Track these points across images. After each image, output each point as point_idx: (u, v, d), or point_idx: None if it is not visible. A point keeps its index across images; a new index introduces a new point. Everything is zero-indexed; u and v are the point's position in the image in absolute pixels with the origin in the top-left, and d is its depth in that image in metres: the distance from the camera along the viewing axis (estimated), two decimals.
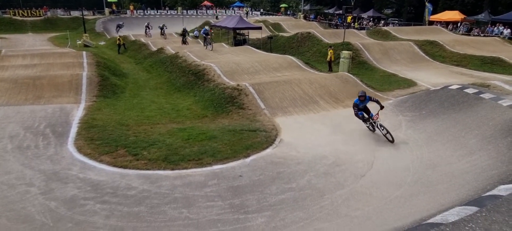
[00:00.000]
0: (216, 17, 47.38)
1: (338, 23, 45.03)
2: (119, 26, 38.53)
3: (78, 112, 12.59)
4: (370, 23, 44.22)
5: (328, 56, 20.62)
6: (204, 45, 26.96)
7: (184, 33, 31.68)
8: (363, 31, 35.29)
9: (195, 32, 36.13)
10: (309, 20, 49.32)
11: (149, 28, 36.16)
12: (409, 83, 17.43)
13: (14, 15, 45.63)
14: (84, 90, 15.07)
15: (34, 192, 7.31)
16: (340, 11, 47.62)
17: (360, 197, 7.21)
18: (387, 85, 17.16)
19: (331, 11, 58.50)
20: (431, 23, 38.37)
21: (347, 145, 10.06)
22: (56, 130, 10.85)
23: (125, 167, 8.54)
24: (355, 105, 10.69)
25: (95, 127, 11.11)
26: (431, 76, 18.72)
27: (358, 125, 11.28)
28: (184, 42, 30.69)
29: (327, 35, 27.88)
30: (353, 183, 7.90)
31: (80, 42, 32.53)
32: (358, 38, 29.52)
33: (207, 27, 29.11)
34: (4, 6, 46.72)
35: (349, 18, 43.40)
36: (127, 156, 9.10)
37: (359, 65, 21.46)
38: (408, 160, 8.80)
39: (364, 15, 48.44)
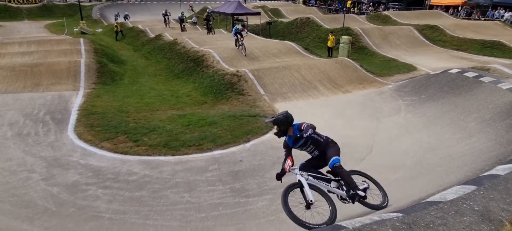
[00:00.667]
0: (192, 9, 44.56)
1: (337, 8, 44.64)
2: (126, 17, 37.82)
3: (77, 100, 12.57)
4: (370, 8, 43.85)
5: (330, 42, 20.48)
6: (208, 32, 27.54)
7: (182, 19, 30.94)
8: (363, 16, 35.04)
9: (193, 18, 35.81)
10: (309, 5, 48.85)
11: (168, 15, 32.54)
12: (409, 68, 17.39)
13: (9, 2, 45.07)
14: (83, 78, 15.01)
15: (36, 178, 7.36)
16: None
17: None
18: (386, 70, 17.12)
19: None
20: (431, 7, 38.07)
21: (347, 129, 10.08)
22: (56, 117, 10.85)
23: (126, 153, 8.59)
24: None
25: (94, 113, 11.12)
26: (431, 61, 18.67)
27: (358, 110, 11.30)
28: (183, 29, 30.07)
29: (326, 21, 27.68)
30: (353, 166, 7.91)
31: (77, 29, 32.23)
32: (358, 23, 29.33)
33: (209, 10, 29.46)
34: None
35: (348, 3, 43.08)
36: (128, 142, 9.14)
37: (358, 50, 21.38)
38: (407, 144, 8.84)
39: (364, 0, 48.01)
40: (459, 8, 35.49)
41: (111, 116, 10.99)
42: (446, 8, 36.25)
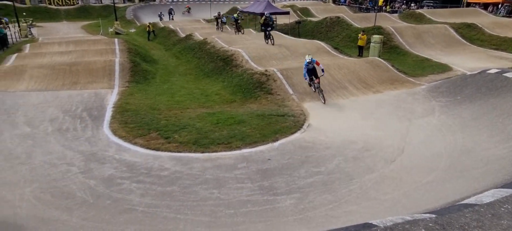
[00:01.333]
0: (188, 11, 43.51)
1: (369, 7, 43.66)
2: (170, 13, 38.77)
3: (112, 97, 13.08)
4: (403, 6, 42.55)
5: (361, 41, 20.09)
6: (236, 31, 27.12)
7: (237, 19, 27.46)
8: (396, 15, 34.05)
9: (223, 18, 36.23)
10: (339, 4, 48.06)
11: (221, 19, 31.91)
12: (444, 68, 16.77)
13: (49, 4, 47.47)
14: (117, 76, 15.59)
15: (75, 171, 7.76)
16: None
17: (390, 181, 7.14)
18: (420, 70, 16.61)
19: None
20: (468, 5, 36.43)
21: (377, 130, 9.90)
22: (92, 113, 11.35)
23: (157, 149, 8.86)
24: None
25: (128, 111, 11.53)
26: (467, 61, 17.91)
27: (388, 110, 11.06)
28: (238, 30, 26.92)
29: (357, 20, 27.18)
30: (383, 167, 7.82)
31: (111, 29, 33.49)
32: (390, 22, 28.56)
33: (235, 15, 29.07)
34: None
35: (380, 1, 41.98)
36: (160, 138, 9.42)
37: (390, 50, 20.83)
38: (441, 146, 8.56)
39: None
40: (499, 6, 33.73)
41: (144, 113, 11.36)
42: (485, 6, 34.54)
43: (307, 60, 12.57)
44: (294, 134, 9.84)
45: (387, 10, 39.88)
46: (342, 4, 47.81)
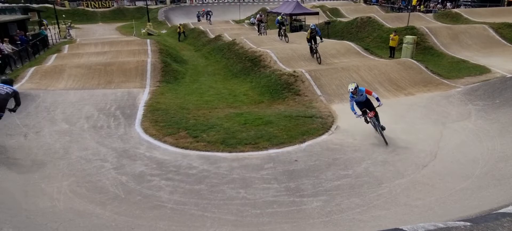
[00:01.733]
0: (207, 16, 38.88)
1: (401, 6, 42.40)
2: (208, 14, 38.57)
3: (144, 96, 13.48)
4: (438, 5, 41.00)
5: (393, 42, 19.55)
6: (259, 33, 26.63)
7: (282, 23, 22.67)
8: (430, 15, 32.82)
9: (252, 19, 36.41)
10: (370, 4, 47.03)
11: (263, 23, 27.71)
12: (482, 70, 16.00)
13: (87, 6, 49.72)
14: (149, 76, 16.07)
15: (108, 167, 8.07)
16: None
17: (421, 187, 6.91)
18: (455, 72, 15.94)
19: None
20: (510, 4, 34.54)
21: (408, 134, 9.60)
22: (125, 112, 11.75)
23: (186, 148, 9.04)
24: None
25: (158, 110, 11.85)
26: (507, 63, 16.97)
27: (421, 113, 10.70)
28: (283, 35, 22.73)
29: (389, 20, 26.48)
30: (414, 172, 7.57)
31: (144, 31, 34.53)
32: (424, 22, 27.59)
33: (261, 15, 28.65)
34: None
35: (414, 1, 40.65)
36: (188, 137, 9.61)
37: (424, 51, 20.13)
38: (477, 152, 8.18)
39: None
40: None
41: (174, 112, 11.63)
42: None
43: (351, 90, 8.97)
44: (322, 136, 9.74)
45: (421, 10, 38.55)
46: (373, 4, 46.74)
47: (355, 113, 9.32)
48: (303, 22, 30.50)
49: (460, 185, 6.71)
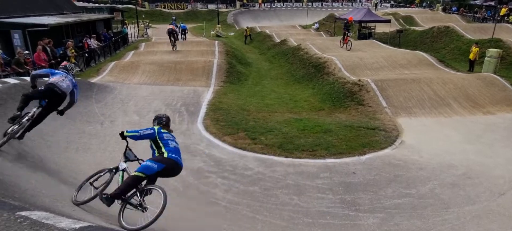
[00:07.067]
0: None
1: (486, 16, 38.63)
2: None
3: (208, 95, 14.00)
4: None
5: (472, 54, 17.91)
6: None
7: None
8: None
9: (316, 25, 35.96)
10: (449, 13, 43.61)
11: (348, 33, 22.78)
12: None
13: (164, 8, 53.45)
14: (214, 76, 16.67)
15: None
16: (492, 2, 40.63)
17: (495, 217, 6.19)
18: None
19: (478, 2, 50.40)
20: None
21: (484, 156, 8.69)
22: (189, 109, 12.31)
23: (244, 149, 9.18)
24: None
25: (220, 109, 12.22)
26: None
27: (501, 135, 9.62)
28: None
29: (470, 30, 24.32)
30: (488, 200, 6.82)
31: (213, 32, 36.00)
32: None
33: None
34: (158, 0, 55.27)
35: (503, 10, 36.76)
36: (246, 139, 9.75)
37: (510, 66, 18.12)
38: None
39: None
40: None
41: (234, 113, 11.91)
42: None
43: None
44: (384, 150, 9.23)
45: (510, 21, 34.71)
46: (453, 13, 43.28)
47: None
48: (373, 30, 29.29)
49: None
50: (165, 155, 4.66)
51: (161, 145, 4.79)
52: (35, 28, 17.23)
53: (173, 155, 4.74)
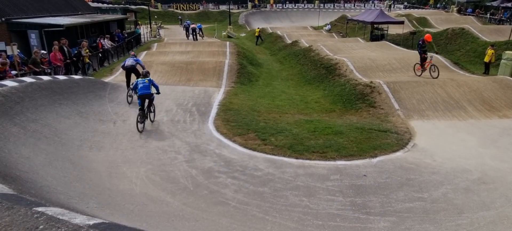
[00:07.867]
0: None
1: (503, 18, 37.88)
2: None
3: (218, 96, 14.09)
4: None
5: (488, 57, 17.59)
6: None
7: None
8: None
9: (328, 26, 35.80)
10: (464, 14, 42.89)
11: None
12: None
13: (176, 8, 53.93)
14: (225, 77, 16.75)
15: (181, 159, 8.59)
16: (509, 4, 39.78)
17: (510, 223, 6.06)
18: None
19: (495, 3, 49.38)
20: None
21: (499, 161, 8.52)
22: (200, 109, 12.40)
23: (254, 149, 9.20)
24: None
25: (231, 110, 12.27)
26: None
27: None
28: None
29: (486, 32, 23.88)
30: (503, 206, 6.68)
31: (225, 33, 36.16)
32: None
33: None
34: (170, 1, 55.82)
35: None
36: (257, 139, 9.77)
37: None
38: None
39: None
40: None
41: (245, 113, 11.94)
42: None
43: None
44: (396, 152, 9.13)
45: None
46: (468, 14, 42.58)
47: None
48: (386, 31, 29.01)
49: None
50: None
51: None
52: (51, 28, 17.60)
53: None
